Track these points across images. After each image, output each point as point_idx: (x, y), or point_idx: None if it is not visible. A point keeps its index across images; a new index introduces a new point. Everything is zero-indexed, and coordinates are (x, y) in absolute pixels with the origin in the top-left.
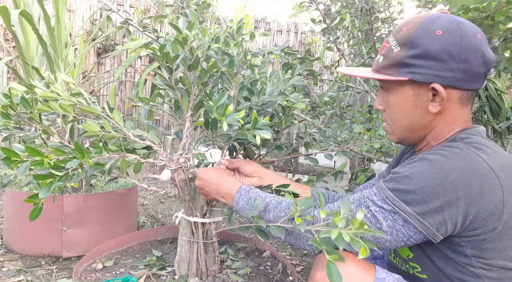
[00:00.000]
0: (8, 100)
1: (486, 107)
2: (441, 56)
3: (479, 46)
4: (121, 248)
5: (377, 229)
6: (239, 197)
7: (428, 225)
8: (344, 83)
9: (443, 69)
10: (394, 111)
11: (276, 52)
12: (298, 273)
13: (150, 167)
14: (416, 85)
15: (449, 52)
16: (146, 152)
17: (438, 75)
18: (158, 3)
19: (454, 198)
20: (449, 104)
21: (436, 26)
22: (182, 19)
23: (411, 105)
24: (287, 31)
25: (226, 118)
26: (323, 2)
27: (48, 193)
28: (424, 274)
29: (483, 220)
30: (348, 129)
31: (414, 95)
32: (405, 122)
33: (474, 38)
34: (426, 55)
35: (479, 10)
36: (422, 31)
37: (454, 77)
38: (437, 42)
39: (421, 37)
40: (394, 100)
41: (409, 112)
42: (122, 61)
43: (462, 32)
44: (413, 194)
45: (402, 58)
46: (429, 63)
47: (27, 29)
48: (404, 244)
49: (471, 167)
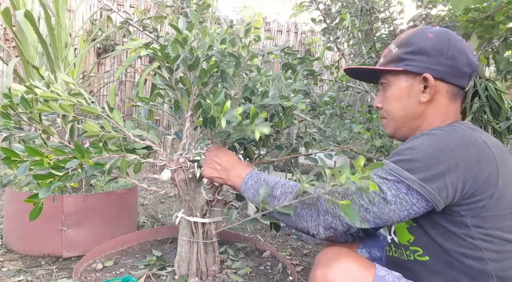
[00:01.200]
0: (8, 100)
1: (486, 107)
2: (432, 52)
3: (464, 49)
4: (121, 248)
5: (382, 199)
6: (249, 177)
7: (430, 189)
8: (344, 83)
9: (434, 62)
10: (390, 103)
11: (276, 52)
12: (298, 273)
13: (150, 167)
14: (410, 77)
15: (438, 49)
16: (146, 152)
17: (429, 67)
18: (158, 3)
19: (454, 164)
20: (438, 95)
21: (429, 31)
22: (182, 19)
23: (405, 95)
24: (287, 31)
25: (224, 115)
26: (323, 2)
27: (48, 193)
28: (425, 255)
29: (481, 186)
30: (348, 129)
31: (408, 86)
32: (399, 112)
33: (459, 43)
34: (419, 51)
35: (480, 11)
36: (417, 34)
37: (442, 70)
38: (428, 41)
39: (415, 38)
40: (390, 93)
41: (403, 103)
42: (122, 61)
43: (450, 36)
44: (415, 162)
45: (399, 54)
46: (422, 57)
47: (28, 29)
48: (407, 213)
49: (468, 138)
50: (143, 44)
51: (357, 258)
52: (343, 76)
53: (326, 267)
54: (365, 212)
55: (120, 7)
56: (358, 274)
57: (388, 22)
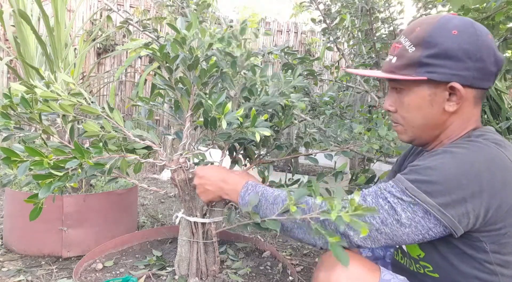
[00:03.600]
0: (8, 100)
1: (486, 107)
2: (459, 55)
3: (492, 46)
4: (121, 248)
5: (395, 221)
6: (245, 191)
7: (450, 216)
8: (344, 83)
9: (461, 68)
10: (408, 111)
11: (276, 52)
12: (298, 273)
13: (150, 167)
14: (433, 84)
15: (466, 51)
16: (146, 152)
17: (457, 74)
18: (158, 3)
19: (478, 190)
20: (464, 103)
21: (451, 26)
22: (180, 19)
23: (427, 104)
24: (287, 31)
25: (225, 117)
26: (323, 2)
27: (48, 193)
28: (436, 273)
29: (505, 213)
30: (348, 129)
31: (430, 95)
32: (420, 121)
33: (487, 38)
34: (444, 55)
35: (479, 11)
36: (439, 31)
37: (471, 76)
38: (454, 41)
39: (437, 37)
40: (409, 100)
41: (425, 112)
42: (122, 61)
43: (477, 32)
44: (435, 185)
45: (419, 58)
46: (447, 62)
47: (26, 30)
48: (421, 237)
49: (494, 159)
50: (143, 44)
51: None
52: (343, 76)
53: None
54: (376, 233)
55: (120, 7)
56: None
57: (388, 22)
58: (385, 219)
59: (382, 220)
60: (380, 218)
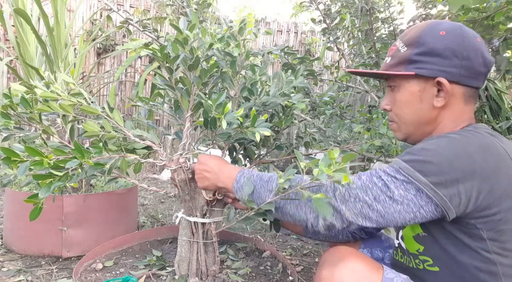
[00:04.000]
0: (8, 100)
1: (486, 107)
2: (446, 53)
3: (479, 48)
4: (121, 248)
5: (388, 198)
6: (241, 175)
7: (442, 195)
8: (344, 83)
9: (448, 65)
10: (400, 107)
11: (276, 52)
12: (298, 273)
13: (150, 167)
14: (422, 80)
15: (452, 50)
16: (146, 152)
17: (443, 70)
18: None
19: (470, 171)
20: (453, 99)
21: (441, 27)
22: (182, 19)
23: (417, 100)
24: (287, 31)
25: (225, 117)
26: (323, 2)
27: (48, 193)
28: (435, 266)
29: (497, 198)
30: (348, 129)
31: (420, 90)
32: (411, 117)
33: (474, 40)
34: (431, 52)
35: (479, 11)
36: (428, 32)
37: (457, 73)
38: (441, 41)
39: (426, 37)
40: (400, 96)
41: (415, 107)
42: (122, 61)
43: (464, 34)
44: (429, 164)
45: (409, 56)
46: (435, 59)
47: (26, 30)
48: (413, 215)
49: (487, 145)
50: (143, 44)
51: (364, 259)
52: (343, 76)
53: (333, 267)
54: (368, 209)
55: (120, 7)
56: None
57: (388, 22)
58: (378, 195)
59: (375, 196)
60: (373, 195)
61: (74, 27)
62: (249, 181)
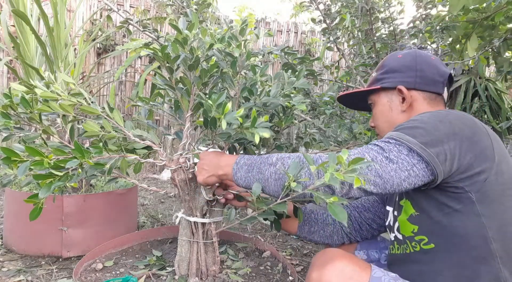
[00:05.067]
0: (8, 100)
1: (486, 107)
2: (402, 69)
3: (432, 62)
4: (121, 248)
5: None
6: (240, 158)
7: (430, 152)
8: (344, 83)
9: (404, 76)
10: (377, 119)
11: (276, 52)
12: (298, 273)
13: (150, 167)
14: (388, 92)
15: (407, 66)
16: (146, 152)
17: (401, 80)
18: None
19: (452, 133)
20: (416, 103)
21: (398, 53)
22: (182, 19)
23: (387, 109)
24: (287, 31)
25: (225, 117)
26: (323, 2)
27: (48, 193)
28: (431, 243)
29: (478, 156)
30: (348, 129)
31: (388, 101)
32: (386, 125)
33: (427, 58)
34: (391, 70)
35: (479, 11)
36: (389, 58)
37: (413, 81)
38: (398, 61)
39: (387, 61)
40: (376, 110)
41: (387, 116)
42: (122, 61)
43: (417, 54)
44: (417, 129)
45: (376, 76)
46: (394, 74)
47: (26, 30)
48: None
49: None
50: (143, 44)
51: (352, 259)
52: (343, 76)
53: (321, 269)
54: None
55: (120, 7)
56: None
57: (388, 22)
58: (375, 156)
59: (372, 157)
60: (371, 156)
61: (74, 27)
62: (249, 160)
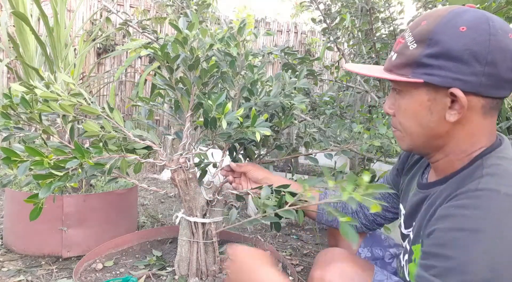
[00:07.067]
0: (8, 100)
1: None
2: (464, 57)
3: (510, 48)
4: (121, 248)
5: None
6: None
7: None
8: (344, 83)
9: (465, 72)
10: (405, 117)
11: (276, 52)
12: (298, 273)
13: (150, 167)
14: (432, 89)
15: (474, 53)
16: (146, 152)
17: (459, 78)
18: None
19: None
20: (470, 113)
21: (461, 21)
22: (182, 19)
23: (425, 111)
24: (287, 31)
25: (225, 117)
26: (324, 2)
27: (48, 193)
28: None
29: None
30: (348, 129)
31: (429, 100)
32: (418, 130)
33: (504, 38)
34: (446, 55)
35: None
36: (444, 27)
37: (477, 82)
38: (460, 40)
39: (441, 34)
40: (406, 105)
41: (423, 119)
42: (122, 61)
43: (491, 30)
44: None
45: (418, 57)
46: (450, 64)
47: (26, 30)
48: None
49: None
50: (143, 44)
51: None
52: (343, 76)
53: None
54: None
55: (120, 7)
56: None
57: (388, 22)
58: None
59: None
60: None
61: (74, 27)
62: None
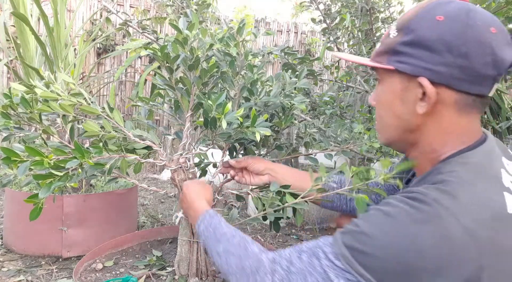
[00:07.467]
0: (8, 100)
1: (486, 107)
2: (437, 47)
3: (489, 42)
4: (121, 248)
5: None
6: (201, 221)
7: None
8: (344, 83)
9: (436, 62)
10: (382, 107)
11: (276, 52)
12: None
13: (150, 167)
14: (405, 78)
15: (447, 43)
16: (146, 152)
17: (429, 68)
18: (158, 3)
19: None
20: (441, 107)
21: (440, 11)
22: (182, 19)
23: (398, 101)
24: (287, 31)
25: (225, 117)
26: (323, 2)
27: (48, 193)
28: None
29: None
30: (348, 129)
31: (402, 89)
32: (391, 120)
33: (484, 31)
34: (418, 43)
35: None
36: (422, 15)
37: (447, 73)
38: (435, 29)
39: (418, 22)
40: (382, 93)
41: (396, 110)
42: (122, 61)
43: (470, 21)
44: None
45: (394, 44)
46: (421, 53)
47: (26, 30)
48: None
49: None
50: (143, 45)
51: None
52: (343, 76)
53: None
54: None
55: (120, 7)
56: None
57: (388, 22)
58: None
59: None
60: None
61: (74, 27)
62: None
